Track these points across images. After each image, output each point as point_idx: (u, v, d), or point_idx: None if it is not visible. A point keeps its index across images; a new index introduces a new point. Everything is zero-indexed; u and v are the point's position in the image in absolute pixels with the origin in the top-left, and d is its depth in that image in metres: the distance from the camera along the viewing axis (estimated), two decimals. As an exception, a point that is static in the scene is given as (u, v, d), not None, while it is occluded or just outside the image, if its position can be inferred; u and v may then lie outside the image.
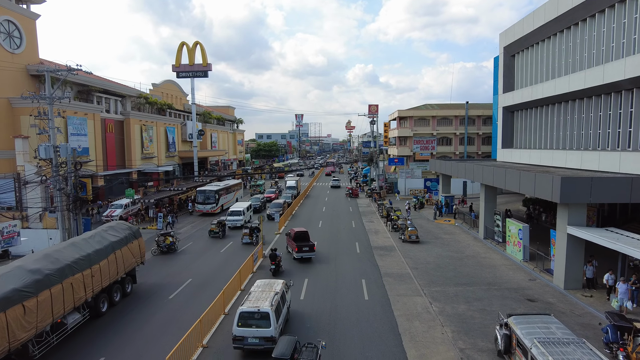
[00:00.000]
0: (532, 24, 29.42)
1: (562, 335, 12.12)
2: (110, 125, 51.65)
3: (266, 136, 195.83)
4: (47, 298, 14.45)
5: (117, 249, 19.47)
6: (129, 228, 21.67)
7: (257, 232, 30.02)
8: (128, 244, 20.57)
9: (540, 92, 28.89)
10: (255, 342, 14.31)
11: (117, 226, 21.33)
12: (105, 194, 48.14)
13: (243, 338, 14.33)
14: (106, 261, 18.32)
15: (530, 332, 12.40)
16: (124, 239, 20.33)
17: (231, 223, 35.59)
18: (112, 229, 20.78)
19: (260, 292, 16.03)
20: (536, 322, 13.08)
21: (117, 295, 19.46)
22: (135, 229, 22.09)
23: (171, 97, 72.87)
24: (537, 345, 11.54)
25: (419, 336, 15.92)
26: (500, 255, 26.90)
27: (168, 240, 28.59)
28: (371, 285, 21.58)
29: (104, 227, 20.95)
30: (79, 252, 17.12)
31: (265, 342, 14.24)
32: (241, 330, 14.33)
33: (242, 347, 14.48)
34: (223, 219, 34.04)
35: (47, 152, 25.31)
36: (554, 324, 12.94)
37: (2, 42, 41.15)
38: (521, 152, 32.88)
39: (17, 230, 20.92)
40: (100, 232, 19.82)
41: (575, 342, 11.58)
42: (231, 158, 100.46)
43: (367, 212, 44.97)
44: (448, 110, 68.39)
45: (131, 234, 21.33)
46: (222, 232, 32.92)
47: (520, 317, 13.64)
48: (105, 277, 18.15)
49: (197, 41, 62.92)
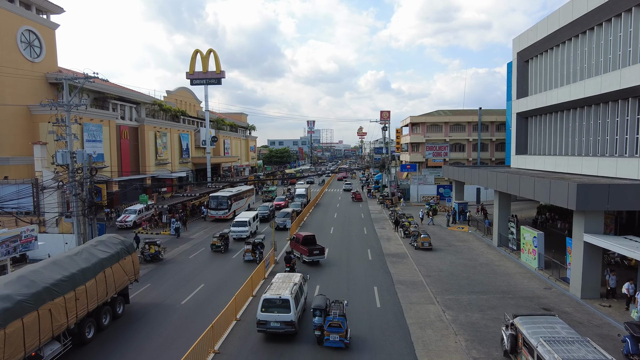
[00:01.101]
0: (546, 29, 29.14)
1: (566, 334, 12.51)
2: (125, 131, 52.50)
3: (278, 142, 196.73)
4: (18, 329, 12.29)
5: (107, 267, 17.53)
6: (122, 243, 19.70)
7: (260, 248, 27.38)
8: (120, 261, 18.63)
9: (555, 98, 28.53)
10: (277, 325, 16.06)
11: (108, 241, 19.29)
12: (120, 199, 48.83)
13: (266, 322, 16.12)
14: (94, 281, 16.33)
15: (536, 332, 12.75)
16: (115, 255, 18.38)
17: (236, 234, 33.64)
18: (102, 244, 18.74)
19: (280, 283, 17.91)
20: (541, 322, 13.47)
21: (106, 318, 17.36)
22: (129, 244, 20.13)
23: (185, 104, 73.80)
24: (543, 344, 11.93)
25: (432, 345, 15.72)
26: (515, 263, 26.48)
27: (152, 249, 28.29)
28: (383, 293, 21.40)
29: (93, 242, 18.89)
30: (60, 272, 15.02)
31: (286, 326, 16.04)
32: (264, 315, 16.13)
33: (265, 330, 16.21)
34: (226, 232, 31.29)
35: (64, 158, 25.81)
36: (558, 324, 13.32)
37: (23, 51, 42.27)
38: (535, 158, 32.44)
39: (34, 234, 21.28)
40: (88, 248, 17.78)
41: (579, 341, 11.98)
42: (243, 164, 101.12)
43: (379, 218, 44.75)
44: (461, 116, 67.92)
45: (124, 249, 19.32)
46: (225, 246, 30.25)
47: (525, 318, 13.98)
48: (92, 299, 16.10)
49: (211, 49, 63.75)
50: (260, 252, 27.14)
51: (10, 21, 40.87)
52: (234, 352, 15.31)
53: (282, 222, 37.86)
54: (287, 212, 40.40)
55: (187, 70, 63.67)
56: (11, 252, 19.60)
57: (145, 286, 22.85)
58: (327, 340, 15.45)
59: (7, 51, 40.49)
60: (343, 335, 15.34)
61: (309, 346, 15.83)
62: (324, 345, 15.53)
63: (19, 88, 41.22)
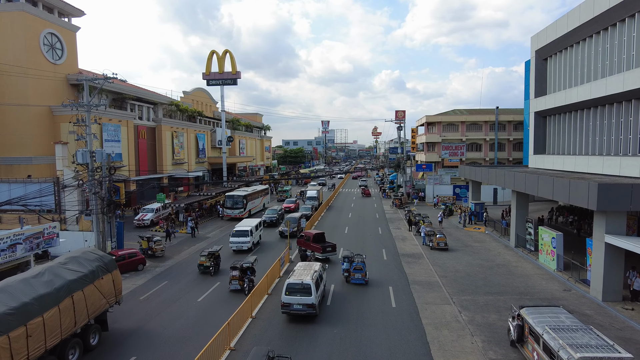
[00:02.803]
0: (565, 26, 28.59)
1: (570, 323, 13.30)
2: (142, 131, 53.37)
3: (292, 143, 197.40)
4: None
5: (77, 290, 14.49)
6: (99, 259, 16.65)
7: (250, 274, 21.58)
8: (95, 281, 15.62)
9: (575, 96, 27.96)
10: (299, 307, 17.61)
11: (82, 257, 16.24)
12: (137, 198, 49.66)
13: (289, 304, 17.65)
14: (56, 310, 13.22)
15: (541, 321, 13.52)
16: (88, 274, 15.37)
17: (235, 246, 29.44)
18: (73, 261, 15.70)
19: (302, 270, 19.43)
20: (547, 313, 14.26)
21: (74, 354, 14.34)
22: (109, 260, 17.08)
23: (201, 105, 74.64)
24: (549, 331, 12.73)
25: (448, 345, 15.58)
26: (533, 265, 26.04)
27: (144, 244, 28.67)
28: (398, 293, 21.29)
29: (62, 260, 15.75)
30: (5, 304, 11.95)
31: (307, 308, 17.59)
32: (288, 298, 17.66)
33: (288, 311, 17.76)
34: (216, 249, 25.22)
35: (84, 157, 26.39)
36: (563, 314, 14.11)
37: (46, 53, 43.35)
38: (554, 158, 31.84)
39: (56, 231, 21.82)
40: (53, 268, 14.61)
41: (583, 329, 12.79)
42: (258, 164, 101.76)
43: (394, 218, 44.52)
44: (477, 115, 67.07)
45: (101, 266, 16.33)
46: (216, 267, 24.97)
47: (531, 309, 14.79)
48: (53, 333, 13.13)
49: (227, 49, 64.30)
50: (251, 281, 21.23)
51: (34, 25, 41.98)
52: None
53: (286, 230, 33.54)
54: (294, 217, 35.59)
55: (204, 71, 64.33)
56: (34, 249, 20.12)
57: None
58: (353, 278, 22.40)
59: (31, 54, 41.60)
60: (363, 275, 22.36)
61: (339, 284, 22.54)
62: (350, 282, 22.55)
63: (41, 89, 42.31)
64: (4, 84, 40.64)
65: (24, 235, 19.41)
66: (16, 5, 40.61)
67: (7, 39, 40.88)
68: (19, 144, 41.61)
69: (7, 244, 18.39)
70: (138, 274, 25.14)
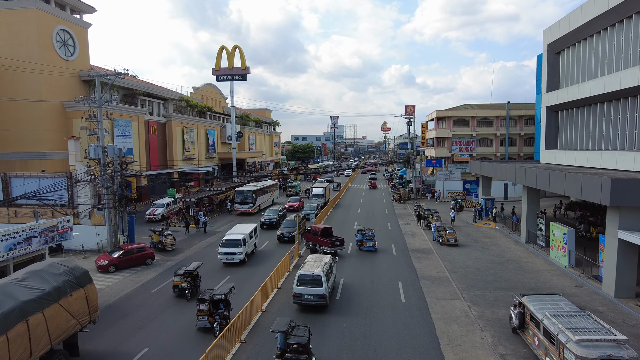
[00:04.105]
0: (579, 19, 28.13)
1: (569, 309, 13.98)
2: (153, 127, 53.85)
3: (301, 138, 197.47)
4: None
5: (35, 312, 12.10)
6: (68, 272, 14.18)
7: (223, 308, 16.61)
8: (62, 299, 13.25)
9: (588, 90, 27.55)
10: (310, 298, 18.02)
11: (46, 271, 13.75)
12: (148, 193, 50.19)
13: (301, 295, 18.09)
14: (3, 340, 10.92)
15: (542, 308, 14.18)
16: (52, 292, 12.95)
17: (225, 258, 25.28)
18: (34, 276, 13.26)
19: (313, 262, 19.84)
20: (547, 300, 14.93)
21: None
22: (80, 273, 14.64)
23: (211, 100, 75.00)
24: (549, 317, 13.40)
25: (457, 340, 15.57)
26: (544, 260, 25.84)
27: (155, 238, 29.04)
28: (408, 288, 21.30)
29: (19, 275, 13.37)
30: None
31: (318, 299, 17.98)
32: (299, 289, 18.09)
33: (299, 302, 18.23)
34: (194, 268, 20.09)
35: (96, 152, 26.76)
36: (562, 301, 14.77)
37: (58, 50, 43.88)
38: (566, 153, 31.47)
39: (70, 225, 22.20)
40: (5, 287, 12.27)
41: (581, 314, 13.50)
42: (268, 159, 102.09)
43: (403, 214, 44.42)
44: (488, 110, 66.44)
45: (70, 281, 13.90)
46: (194, 288, 20.11)
47: (532, 296, 15.43)
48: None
49: (236, 45, 64.45)
50: (224, 317, 16.33)
51: (47, 22, 42.49)
52: None
53: (287, 234, 30.99)
54: (294, 220, 32.24)
55: (213, 67, 64.61)
56: (49, 242, 20.49)
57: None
58: (365, 246, 28.43)
59: (44, 50, 42.14)
60: (373, 244, 28.33)
61: (354, 251, 28.02)
62: (362, 250, 28.38)
63: (54, 85, 42.88)
64: (18, 80, 41.27)
65: (39, 229, 19.77)
66: (29, 2, 41.13)
67: (20, 36, 41.44)
68: (32, 140, 42.30)
69: (23, 237, 18.75)
70: (149, 267, 25.46)
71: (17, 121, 41.92)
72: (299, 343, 12.89)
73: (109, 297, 20.45)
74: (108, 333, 16.59)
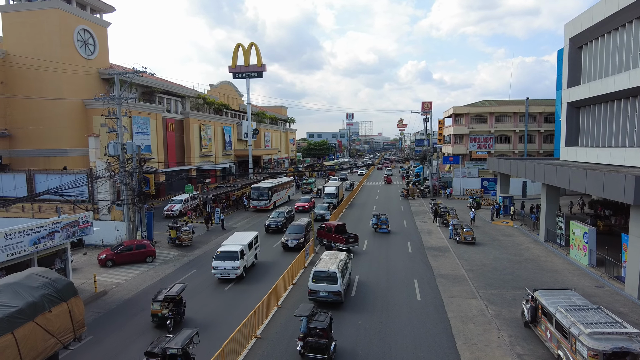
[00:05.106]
0: (603, 12, 27.35)
1: (582, 304, 14.16)
2: (170, 124, 54.56)
3: (317, 135, 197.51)
4: None
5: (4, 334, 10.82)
6: (49, 284, 12.84)
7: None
8: (38, 316, 11.90)
9: (612, 86, 26.80)
10: (325, 295, 18.18)
11: (23, 283, 12.37)
12: (166, 189, 50.94)
13: (316, 291, 18.27)
14: None
15: (554, 302, 14.39)
16: (26, 309, 11.58)
17: (220, 273, 22.06)
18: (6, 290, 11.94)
19: (328, 259, 19.99)
20: (559, 295, 15.12)
21: None
22: (63, 285, 13.38)
23: (227, 98, 75.58)
24: (561, 311, 13.58)
25: (474, 339, 15.41)
26: (563, 260, 25.33)
27: (173, 234, 29.29)
28: (424, 286, 21.16)
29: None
30: None
31: (333, 296, 18.16)
32: (315, 285, 18.30)
33: (315, 298, 18.31)
34: (177, 291, 16.75)
35: (115, 149, 27.27)
36: (574, 296, 14.94)
37: (79, 49, 44.79)
38: (587, 150, 30.71)
39: (90, 220, 22.69)
40: None
41: (593, 309, 13.61)
42: (283, 156, 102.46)
43: (419, 211, 44.08)
44: (507, 106, 65.29)
45: (49, 295, 12.57)
46: (176, 317, 16.78)
47: (545, 291, 15.62)
48: None
49: (252, 42, 64.71)
50: None
51: (68, 22, 43.40)
52: None
53: (293, 241, 27.94)
54: (300, 225, 29.21)
55: (229, 64, 65.05)
56: (70, 237, 20.98)
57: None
58: (380, 228, 33.22)
59: (65, 49, 43.07)
60: (387, 226, 33.29)
61: (371, 233, 32.70)
62: (377, 231, 33.15)
63: (75, 84, 43.81)
64: (41, 79, 42.29)
65: (61, 224, 20.24)
66: (52, 3, 42.05)
67: (43, 36, 42.43)
68: (55, 137, 43.35)
69: (46, 232, 19.24)
70: (167, 262, 25.89)
71: (40, 119, 42.99)
72: (320, 327, 13.72)
73: (127, 292, 20.99)
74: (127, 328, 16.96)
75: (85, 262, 25.87)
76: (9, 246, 17.47)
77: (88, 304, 19.45)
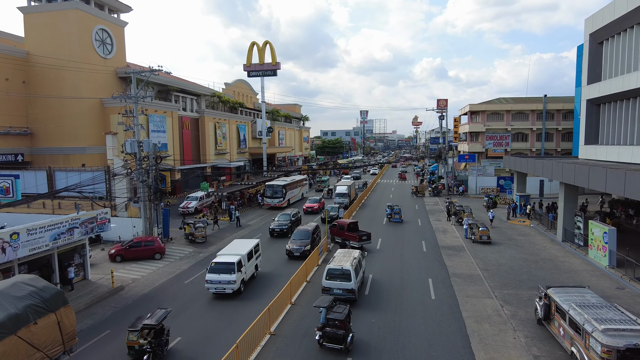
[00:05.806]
0: (625, 6, 26.66)
1: (596, 301, 14.10)
2: (186, 122, 55.15)
3: (331, 133, 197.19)
4: None
5: None
6: (35, 294, 11.96)
7: None
8: (21, 330, 11.00)
9: (635, 82, 26.12)
10: (339, 292, 18.06)
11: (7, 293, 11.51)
12: (182, 186, 51.57)
13: (330, 289, 18.21)
14: None
15: (567, 299, 14.38)
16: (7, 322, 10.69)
17: (215, 288, 19.50)
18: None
19: (342, 257, 19.97)
20: (573, 292, 15.06)
21: None
22: (52, 294, 12.44)
23: (242, 96, 76.02)
24: (575, 308, 13.58)
25: (489, 339, 15.24)
26: (582, 260, 24.84)
27: (187, 229, 29.76)
28: (438, 285, 20.99)
29: None
30: None
31: (347, 293, 18.11)
32: (328, 283, 18.35)
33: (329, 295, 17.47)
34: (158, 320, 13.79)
35: (132, 147, 27.69)
36: (588, 294, 14.86)
37: (97, 48, 45.58)
38: (608, 148, 30.01)
39: (107, 217, 23.13)
40: None
41: (607, 306, 13.55)
42: (297, 154, 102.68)
43: (434, 210, 43.71)
44: (524, 104, 64.20)
45: (35, 305, 11.70)
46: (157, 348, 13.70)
47: (558, 288, 15.58)
48: None
49: (267, 41, 64.92)
50: None
51: (87, 22, 44.21)
52: None
53: (299, 248, 25.68)
54: (307, 230, 27.12)
55: (244, 63, 65.36)
56: (89, 233, 21.42)
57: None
58: (393, 218, 36.75)
59: (84, 49, 43.90)
60: (400, 216, 36.63)
61: (384, 221, 35.67)
62: (391, 221, 36.61)
63: (93, 83, 44.64)
64: (60, 78, 43.19)
65: (80, 220, 20.69)
66: (71, 4, 42.88)
67: (63, 36, 43.31)
68: (74, 135, 44.26)
69: (66, 228, 19.70)
70: (182, 259, 26.22)
71: (60, 118, 43.93)
72: (338, 319, 14.12)
73: (144, 287, 21.33)
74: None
75: (102, 258, 26.39)
76: (31, 241, 17.95)
77: (105, 299, 19.89)
